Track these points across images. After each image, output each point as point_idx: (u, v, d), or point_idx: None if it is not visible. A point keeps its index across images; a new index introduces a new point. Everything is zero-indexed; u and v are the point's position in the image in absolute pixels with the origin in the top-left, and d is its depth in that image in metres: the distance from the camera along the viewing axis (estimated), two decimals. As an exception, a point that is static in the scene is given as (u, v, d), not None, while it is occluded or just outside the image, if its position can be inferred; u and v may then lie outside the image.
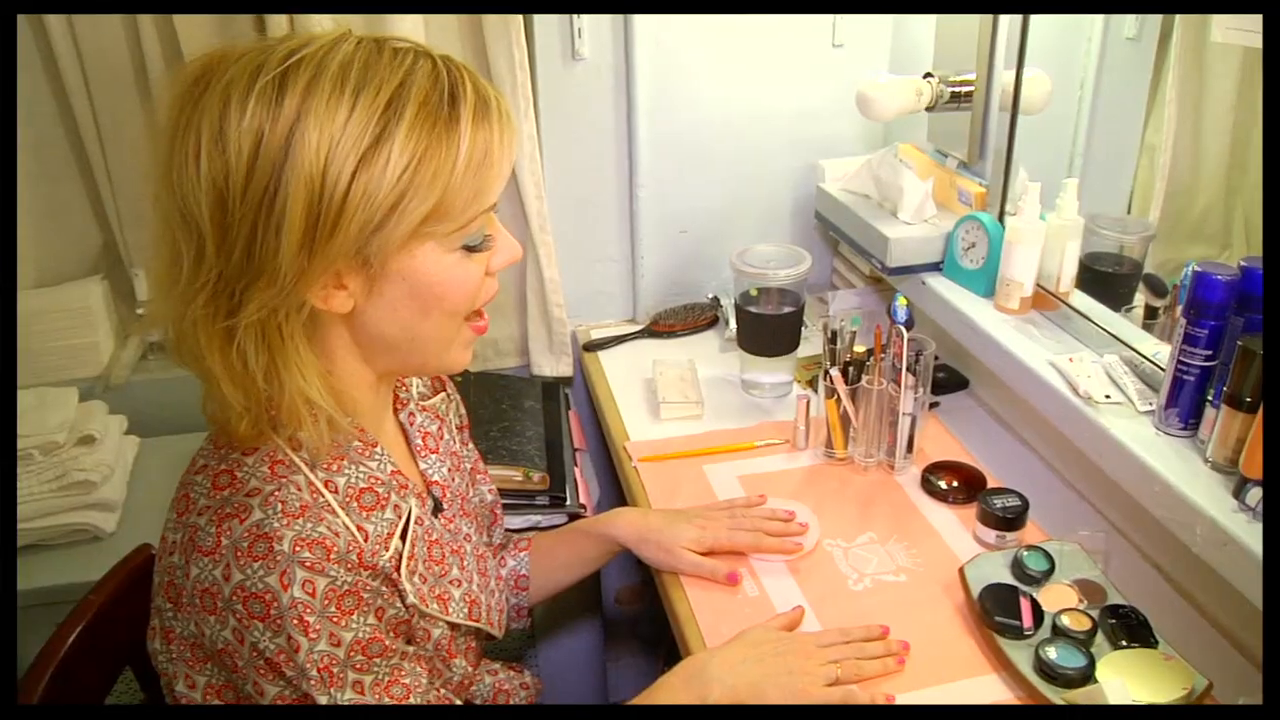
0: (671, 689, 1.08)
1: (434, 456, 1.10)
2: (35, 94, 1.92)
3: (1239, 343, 1.05)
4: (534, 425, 1.67)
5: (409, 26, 1.58)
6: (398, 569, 0.94)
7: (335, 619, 0.85)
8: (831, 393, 1.44)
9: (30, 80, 1.90)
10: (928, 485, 1.42)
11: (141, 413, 1.98)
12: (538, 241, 1.77)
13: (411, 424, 1.10)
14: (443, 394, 1.20)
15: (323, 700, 0.85)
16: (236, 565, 0.82)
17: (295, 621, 0.83)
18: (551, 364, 1.89)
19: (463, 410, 1.26)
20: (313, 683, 0.84)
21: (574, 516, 1.54)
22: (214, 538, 0.84)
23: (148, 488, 1.85)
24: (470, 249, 0.89)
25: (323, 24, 1.56)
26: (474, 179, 0.85)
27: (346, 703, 0.86)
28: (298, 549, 0.83)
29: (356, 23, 1.56)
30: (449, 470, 1.12)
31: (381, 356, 0.94)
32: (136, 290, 2.03)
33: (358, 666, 0.87)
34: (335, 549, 0.85)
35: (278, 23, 1.61)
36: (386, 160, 0.80)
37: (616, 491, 1.69)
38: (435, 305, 0.90)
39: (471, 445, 1.27)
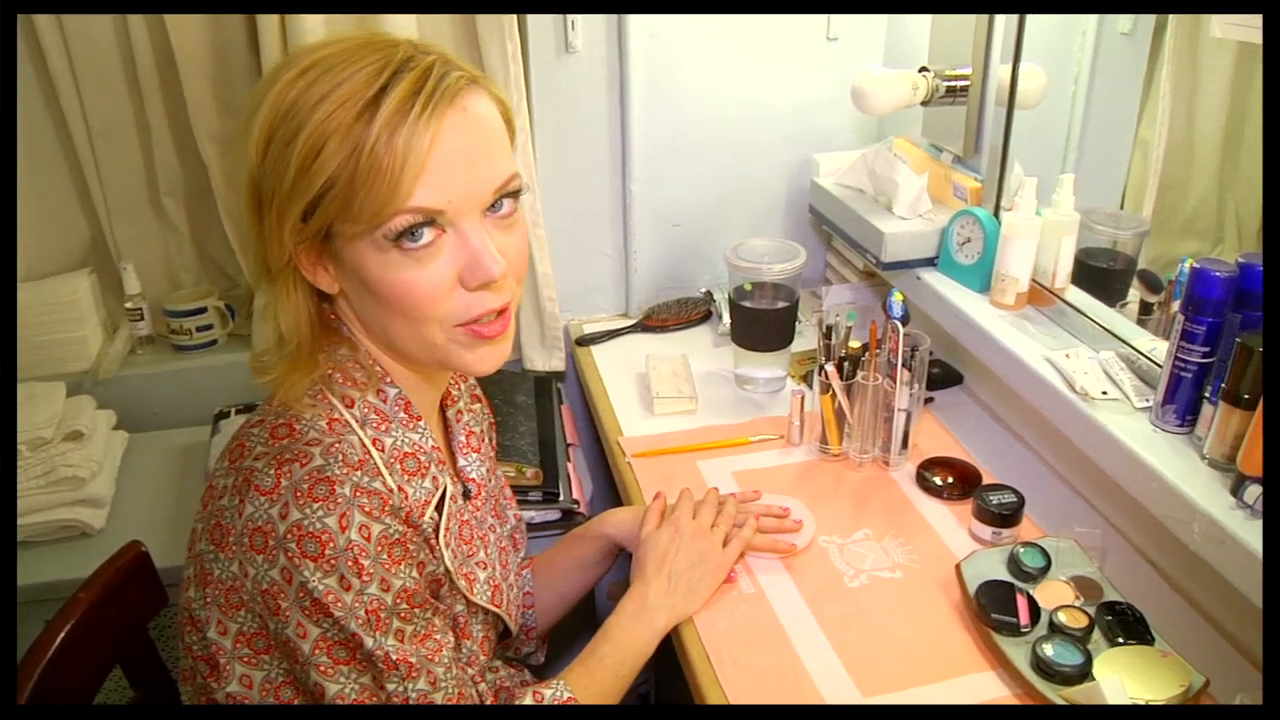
0: (626, 629, 1.15)
1: (475, 455, 1.13)
2: (23, 86, 1.90)
3: (1237, 339, 1.05)
4: (526, 420, 1.66)
5: (402, 20, 1.57)
6: (435, 535, 0.97)
7: (386, 565, 0.88)
8: (827, 388, 1.43)
9: (18, 72, 1.88)
10: (923, 481, 1.41)
11: (130, 408, 1.97)
12: (530, 235, 1.76)
13: (459, 421, 1.12)
14: (480, 404, 1.22)
15: (369, 643, 0.87)
16: (295, 504, 0.85)
17: (350, 563, 0.85)
18: (544, 358, 1.88)
19: (493, 434, 1.27)
20: (360, 623, 0.86)
21: (567, 512, 1.54)
22: (273, 479, 0.86)
23: (136, 484, 1.84)
24: (402, 247, 0.86)
25: (314, 25, 1.56)
26: (386, 174, 0.83)
27: (390, 647, 0.88)
28: (357, 495, 0.87)
29: (347, 21, 1.57)
30: (486, 472, 1.14)
31: (382, 346, 0.97)
32: (125, 284, 2.01)
33: (402, 615, 0.90)
34: (390, 502, 0.89)
35: (269, 23, 1.60)
36: (296, 147, 0.84)
37: (610, 487, 1.68)
38: (390, 305, 0.90)
39: (500, 470, 1.28)
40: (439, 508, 0.99)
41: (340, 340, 0.96)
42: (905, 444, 1.44)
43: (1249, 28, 1.15)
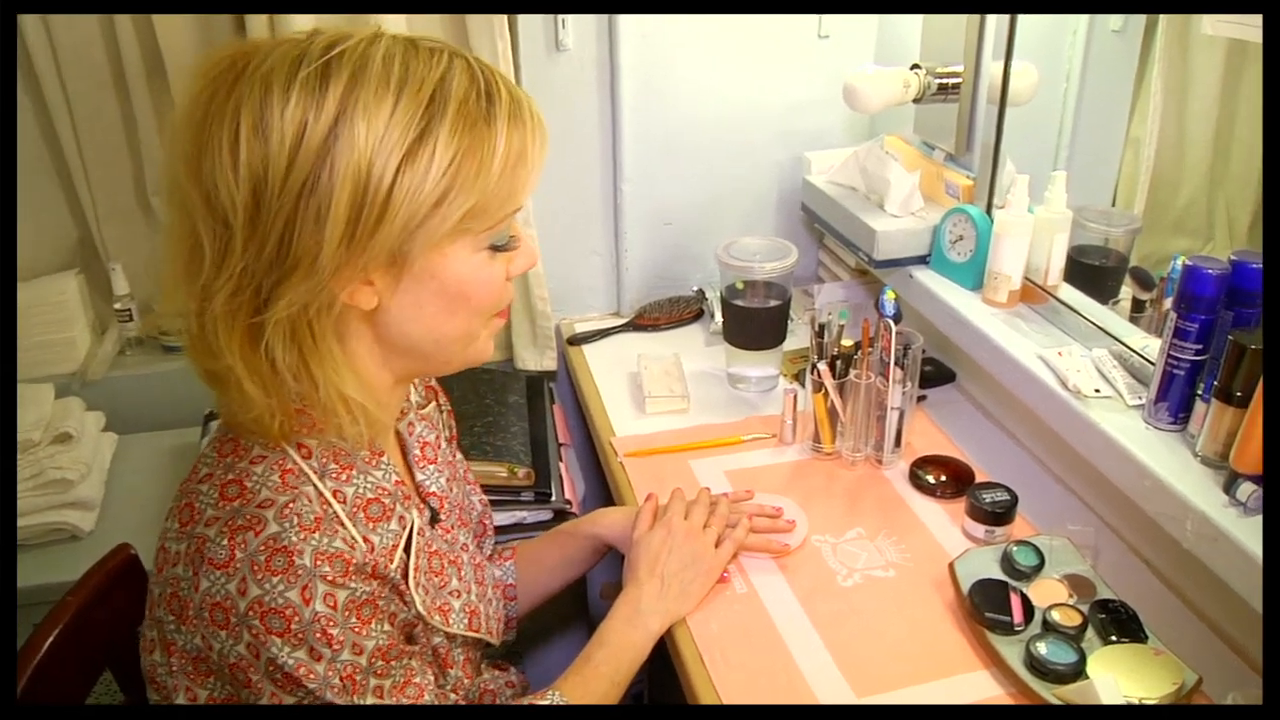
0: (620, 634, 1.14)
1: (432, 467, 1.09)
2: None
3: (1229, 337, 1.05)
4: (518, 420, 1.66)
5: (391, 19, 1.56)
6: (405, 579, 0.94)
7: (356, 629, 0.85)
8: (819, 387, 1.43)
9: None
10: (916, 480, 1.41)
11: (119, 409, 1.95)
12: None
13: (411, 433, 1.09)
14: (434, 404, 1.19)
15: None
16: (254, 579, 0.81)
17: (319, 635, 0.82)
18: (535, 358, 1.87)
19: (452, 422, 1.25)
20: (336, 690, 0.84)
21: (559, 512, 1.53)
22: (227, 550, 0.82)
23: (126, 486, 1.83)
24: (497, 249, 0.90)
25: (303, 25, 1.55)
26: (509, 178, 0.85)
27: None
28: (318, 563, 0.82)
29: (337, 21, 1.55)
30: (446, 480, 1.11)
31: (402, 357, 0.93)
32: (114, 284, 2.00)
33: (378, 672, 0.87)
34: (354, 561, 0.85)
35: (258, 22, 1.59)
36: (431, 156, 0.80)
37: (602, 487, 1.68)
38: (462, 305, 0.89)
39: (460, 455, 1.26)
40: (407, 548, 0.96)
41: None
42: (898, 442, 1.44)
43: (1240, 24, 1.15)
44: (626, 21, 1.69)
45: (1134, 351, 1.25)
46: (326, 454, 0.90)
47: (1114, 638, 1.10)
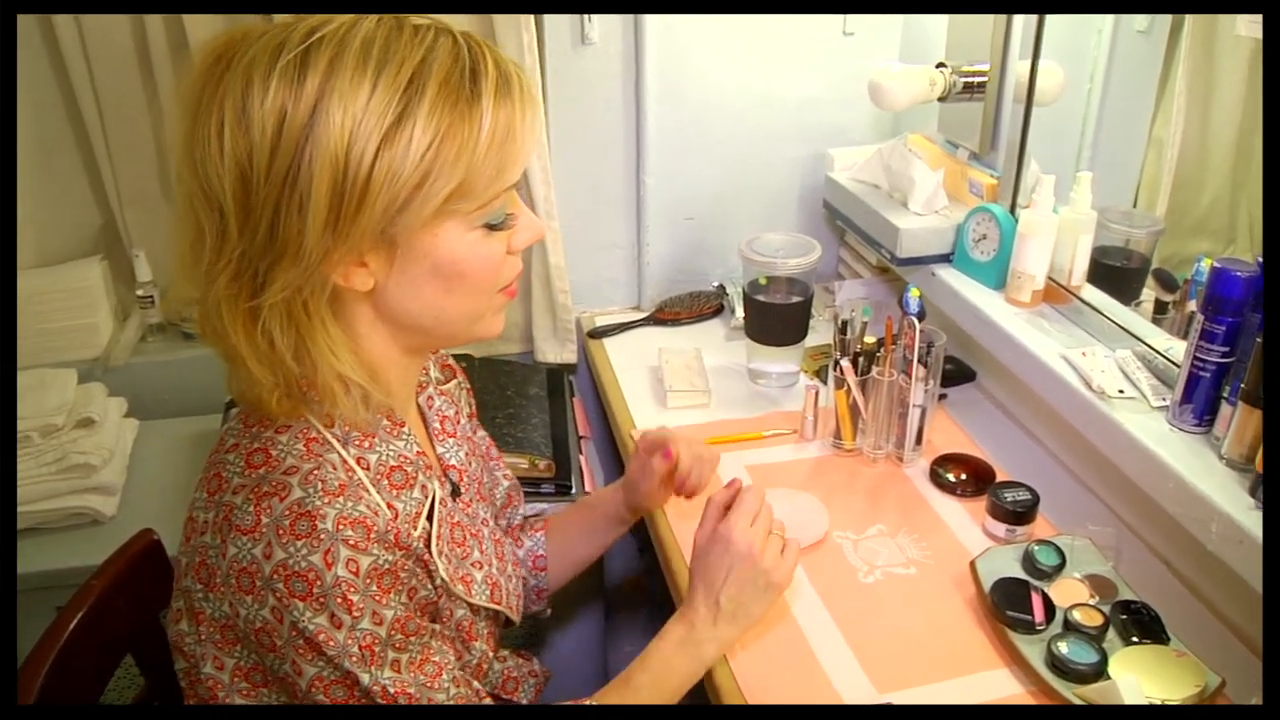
0: (668, 661, 1.08)
1: (451, 440, 1.10)
2: (35, 70, 1.89)
3: (1257, 339, 1.05)
4: (539, 412, 1.66)
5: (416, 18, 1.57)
6: (428, 548, 0.94)
7: (377, 598, 0.85)
8: (841, 383, 1.43)
9: (30, 56, 1.88)
10: (936, 478, 1.41)
11: (141, 395, 1.96)
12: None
13: (430, 407, 1.10)
14: (455, 380, 1.19)
15: (365, 679, 0.85)
16: (279, 543, 0.82)
17: (339, 600, 0.83)
18: (556, 350, 1.88)
19: (471, 400, 1.24)
20: (354, 660, 0.84)
21: (579, 505, 1.53)
22: (253, 516, 0.83)
23: (147, 471, 1.84)
24: (492, 227, 0.89)
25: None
26: (496, 156, 0.84)
27: (386, 681, 0.86)
28: (341, 527, 0.83)
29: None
30: (465, 455, 1.12)
31: (408, 332, 0.93)
32: (137, 271, 2.01)
33: (397, 645, 0.87)
34: (376, 528, 0.86)
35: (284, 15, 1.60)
36: (410, 139, 0.80)
37: (621, 480, 1.68)
38: (458, 284, 0.89)
39: (483, 432, 1.26)
40: (430, 516, 0.96)
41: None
42: (919, 440, 1.44)
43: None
44: (652, 15, 1.69)
45: (1158, 353, 1.25)
46: (349, 423, 0.91)
47: (1135, 639, 1.10)
